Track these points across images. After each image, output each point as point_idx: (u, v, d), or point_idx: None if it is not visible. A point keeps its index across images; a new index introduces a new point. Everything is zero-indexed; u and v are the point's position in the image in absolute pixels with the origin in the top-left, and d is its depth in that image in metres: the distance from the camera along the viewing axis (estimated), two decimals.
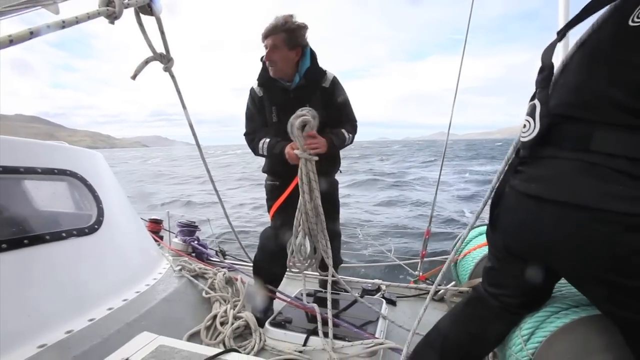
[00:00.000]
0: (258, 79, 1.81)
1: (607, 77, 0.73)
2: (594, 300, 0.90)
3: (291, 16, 1.65)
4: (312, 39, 1.75)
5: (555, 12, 1.83)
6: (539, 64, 0.89)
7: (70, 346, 1.18)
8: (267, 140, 1.76)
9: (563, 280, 1.08)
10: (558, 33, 0.89)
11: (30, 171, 1.36)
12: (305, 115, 1.48)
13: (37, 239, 1.29)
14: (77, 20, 0.63)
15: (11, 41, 0.60)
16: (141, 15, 0.87)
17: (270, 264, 1.88)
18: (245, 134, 1.88)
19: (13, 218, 1.37)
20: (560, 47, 1.69)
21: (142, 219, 2.38)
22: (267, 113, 1.80)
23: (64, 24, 0.62)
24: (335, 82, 1.80)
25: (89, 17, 0.63)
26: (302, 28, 1.67)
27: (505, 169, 0.99)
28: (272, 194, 1.89)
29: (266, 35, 1.66)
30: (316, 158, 1.51)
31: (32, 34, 0.60)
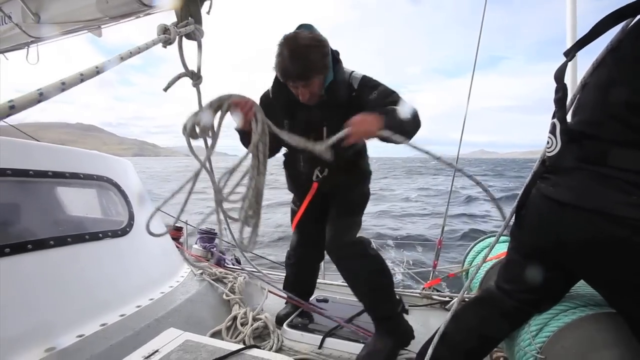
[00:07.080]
0: (273, 92, 1.54)
1: (620, 100, 0.82)
2: (607, 297, 0.96)
3: (318, 43, 1.31)
4: (347, 64, 1.46)
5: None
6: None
7: (106, 336, 1.27)
8: None
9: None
10: (566, 54, 0.97)
11: (74, 176, 1.50)
12: None
13: (78, 238, 1.41)
14: (139, 50, 0.76)
15: (82, 80, 0.69)
16: (184, 38, 1.00)
17: (297, 277, 2.04)
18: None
19: (59, 218, 1.50)
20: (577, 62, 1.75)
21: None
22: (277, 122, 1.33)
23: (131, 54, 0.74)
24: (363, 83, 1.45)
25: (153, 43, 0.76)
26: (327, 55, 1.36)
27: (531, 178, 1.05)
28: (293, 215, 1.86)
29: (295, 80, 1.34)
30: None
31: (98, 69, 0.71)
